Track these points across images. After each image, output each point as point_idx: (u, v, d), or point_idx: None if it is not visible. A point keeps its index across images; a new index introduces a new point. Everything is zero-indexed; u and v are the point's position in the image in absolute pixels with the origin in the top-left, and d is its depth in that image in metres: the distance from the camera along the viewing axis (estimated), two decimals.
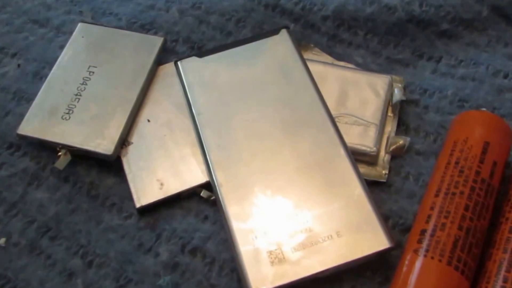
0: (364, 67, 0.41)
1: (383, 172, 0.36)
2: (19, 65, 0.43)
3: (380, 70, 0.40)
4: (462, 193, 0.30)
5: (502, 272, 0.28)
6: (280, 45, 0.39)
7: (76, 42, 0.41)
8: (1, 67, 0.43)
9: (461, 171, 0.31)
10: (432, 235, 0.29)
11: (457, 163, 0.31)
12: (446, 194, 0.30)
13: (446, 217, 0.29)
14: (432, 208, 0.30)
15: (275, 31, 0.40)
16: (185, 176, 0.36)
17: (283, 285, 0.29)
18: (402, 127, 0.38)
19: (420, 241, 0.29)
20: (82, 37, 0.42)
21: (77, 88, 0.39)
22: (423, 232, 0.29)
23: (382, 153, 0.36)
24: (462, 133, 0.33)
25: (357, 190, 0.32)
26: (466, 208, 0.30)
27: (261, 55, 0.39)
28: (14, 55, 0.43)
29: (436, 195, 0.31)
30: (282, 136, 0.35)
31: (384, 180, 0.35)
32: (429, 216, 0.30)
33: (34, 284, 0.33)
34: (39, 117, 0.38)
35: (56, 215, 0.36)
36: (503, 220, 0.30)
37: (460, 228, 0.29)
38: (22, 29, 0.45)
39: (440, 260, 0.28)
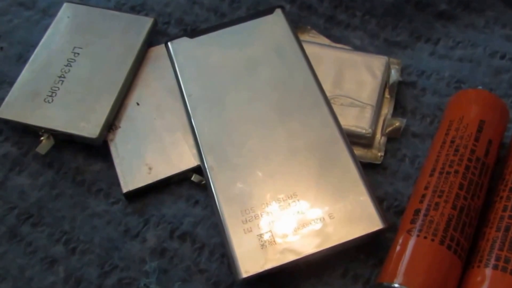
0: (362, 49, 0.41)
1: (379, 154, 0.36)
2: (2, 48, 0.43)
3: (378, 52, 0.41)
4: (456, 172, 0.31)
5: (495, 251, 0.28)
6: (274, 25, 0.39)
7: (60, 22, 0.42)
8: None
9: (456, 150, 0.32)
10: (425, 215, 0.30)
11: (452, 142, 0.32)
12: (440, 173, 0.31)
13: (440, 197, 0.30)
14: (426, 188, 0.31)
15: (270, 11, 0.40)
16: (175, 160, 0.36)
17: (273, 268, 0.30)
18: (399, 109, 0.38)
19: (413, 221, 0.30)
20: (68, 17, 0.42)
21: (61, 70, 0.39)
22: (416, 212, 0.30)
23: (378, 135, 0.37)
24: (458, 112, 0.33)
25: (351, 171, 0.33)
26: (461, 187, 0.30)
27: (254, 35, 0.39)
28: None
29: (431, 175, 0.31)
30: (275, 118, 0.35)
31: (379, 162, 0.36)
32: (423, 196, 0.31)
33: (13, 272, 0.33)
34: (20, 100, 0.38)
35: (38, 202, 0.36)
36: (497, 199, 0.31)
37: (453, 207, 0.30)
38: (6, 12, 0.45)
39: (432, 240, 0.29)
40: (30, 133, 0.38)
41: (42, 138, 0.37)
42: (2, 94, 0.39)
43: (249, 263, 0.30)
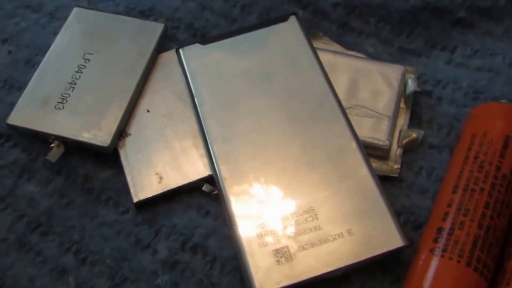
0: (375, 56, 0.40)
1: (395, 166, 0.35)
2: (10, 52, 0.42)
3: (392, 60, 0.40)
4: (482, 190, 0.29)
5: None
6: (288, 32, 0.38)
7: (71, 27, 0.41)
8: None
9: (480, 167, 0.30)
10: (450, 234, 0.28)
11: (476, 157, 0.31)
12: (464, 190, 0.30)
13: (465, 215, 0.29)
14: (449, 205, 0.30)
15: (284, 18, 0.39)
16: (186, 170, 0.35)
17: (289, 285, 0.29)
18: (414, 120, 0.37)
19: (436, 240, 0.29)
20: (78, 22, 0.41)
21: (72, 76, 0.38)
22: (440, 230, 0.29)
23: (395, 146, 0.36)
24: (481, 126, 0.32)
25: (369, 186, 0.31)
26: (486, 206, 0.29)
27: (268, 43, 0.38)
28: (5, 41, 0.43)
29: (454, 192, 0.30)
30: (290, 128, 0.34)
31: (396, 175, 0.35)
32: (446, 214, 0.29)
33: (23, 282, 0.33)
34: (31, 107, 0.37)
35: (47, 210, 0.35)
36: None
37: (480, 227, 0.28)
38: (13, 14, 0.44)
39: (458, 261, 0.27)
40: (40, 139, 0.37)
41: (52, 145, 0.36)
42: (11, 99, 0.39)
43: (265, 280, 0.29)
